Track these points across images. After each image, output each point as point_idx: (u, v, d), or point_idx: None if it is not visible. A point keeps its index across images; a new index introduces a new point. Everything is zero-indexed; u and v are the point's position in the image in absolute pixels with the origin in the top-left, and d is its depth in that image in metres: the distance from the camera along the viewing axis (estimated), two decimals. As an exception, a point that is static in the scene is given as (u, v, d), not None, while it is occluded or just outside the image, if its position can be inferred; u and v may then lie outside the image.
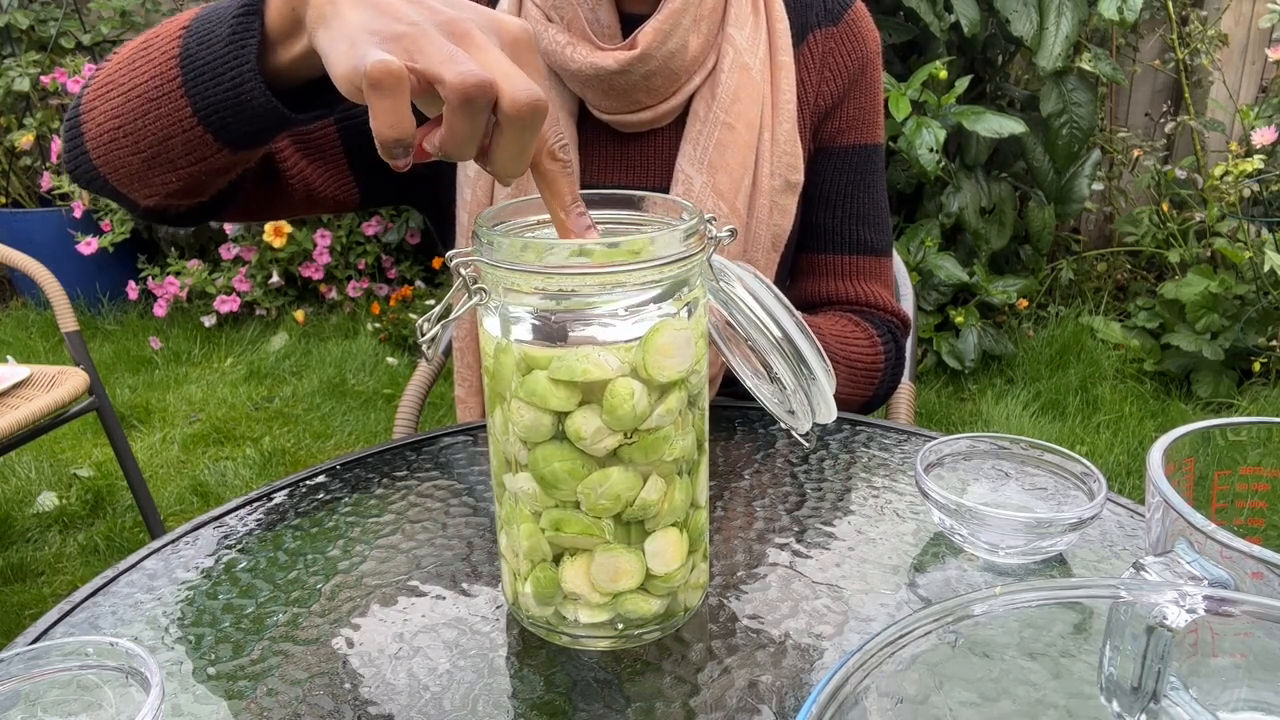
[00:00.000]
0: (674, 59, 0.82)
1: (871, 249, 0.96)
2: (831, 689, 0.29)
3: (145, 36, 0.65)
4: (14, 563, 2.00)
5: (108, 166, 0.67)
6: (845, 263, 0.95)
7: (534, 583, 0.51)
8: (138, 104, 0.63)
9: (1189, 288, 2.62)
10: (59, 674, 0.46)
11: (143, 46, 0.64)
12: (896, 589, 0.57)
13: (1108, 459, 2.30)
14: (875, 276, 0.96)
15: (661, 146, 0.89)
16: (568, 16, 0.82)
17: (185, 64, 0.60)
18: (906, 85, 2.53)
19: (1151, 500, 0.42)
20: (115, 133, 0.65)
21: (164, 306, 3.24)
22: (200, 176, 0.66)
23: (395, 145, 0.46)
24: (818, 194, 0.94)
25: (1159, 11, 2.94)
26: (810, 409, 0.52)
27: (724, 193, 0.85)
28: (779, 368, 0.50)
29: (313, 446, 2.49)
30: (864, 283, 0.96)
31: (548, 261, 0.45)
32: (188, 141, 0.63)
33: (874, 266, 0.96)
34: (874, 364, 0.91)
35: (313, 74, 0.59)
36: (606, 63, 0.80)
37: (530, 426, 0.47)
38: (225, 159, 0.64)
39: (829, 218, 0.95)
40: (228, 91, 0.59)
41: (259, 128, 0.61)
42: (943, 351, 2.75)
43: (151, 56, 0.62)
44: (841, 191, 0.94)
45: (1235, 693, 0.35)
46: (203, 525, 0.67)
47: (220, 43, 0.58)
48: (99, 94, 0.65)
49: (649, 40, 0.80)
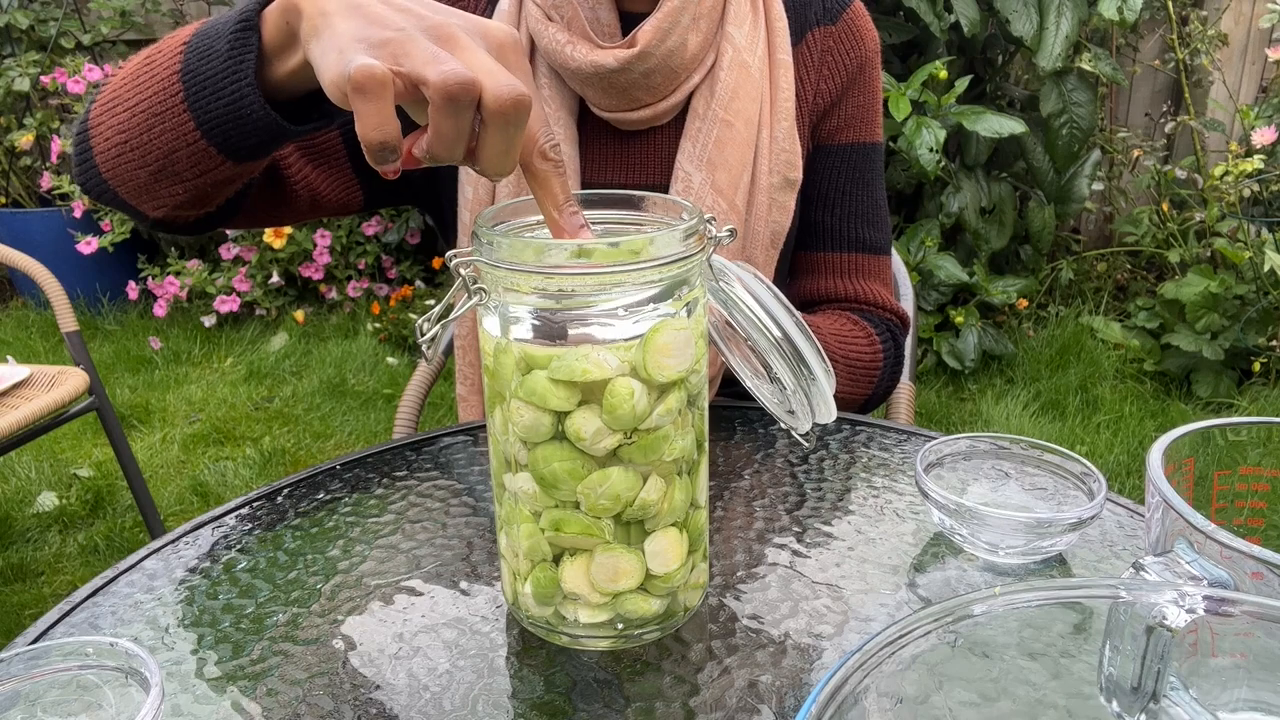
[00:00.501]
0: (673, 56, 0.82)
1: (870, 247, 0.96)
2: (831, 689, 0.29)
3: (148, 52, 0.66)
4: (14, 563, 2.00)
5: (117, 180, 0.68)
6: (844, 261, 0.96)
7: (534, 583, 0.51)
8: (143, 119, 0.64)
9: (1189, 288, 2.62)
10: (59, 674, 0.46)
11: (146, 62, 0.65)
12: (896, 589, 0.57)
13: (1108, 459, 2.30)
14: (874, 275, 0.97)
15: (661, 144, 0.89)
16: (568, 15, 0.83)
17: (187, 79, 0.62)
18: (906, 85, 2.52)
19: (1151, 500, 0.42)
20: (122, 147, 0.66)
21: (164, 306, 3.24)
22: (206, 188, 0.67)
23: (380, 149, 0.46)
24: (817, 192, 0.94)
25: (1159, 11, 2.94)
26: (810, 409, 0.52)
27: (723, 189, 0.85)
28: (779, 368, 0.50)
29: (313, 446, 2.49)
30: (863, 281, 0.96)
31: (547, 261, 0.45)
32: (192, 155, 0.64)
33: (873, 265, 0.96)
34: (873, 363, 0.91)
35: (310, 86, 0.60)
36: (606, 60, 0.81)
37: (530, 426, 0.47)
38: (230, 170, 0.66)
39: (828, 216, 0.95)
40: (228, 106, 0.60)
41: (260, 140, 0.62)
42: (943, 351, 2.75)
43: (155, 72, 0.64)
44: (840, 190, 0.94)
45: (1235, 693, 0.35)
46: (203, 525, 0.67)
47: (220, 58, 0.59)
48: (106, 109, 0.67)
49: (648, 38, 0.80)
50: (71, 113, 3.30)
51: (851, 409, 0.93)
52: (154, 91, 0.63)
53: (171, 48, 0.64)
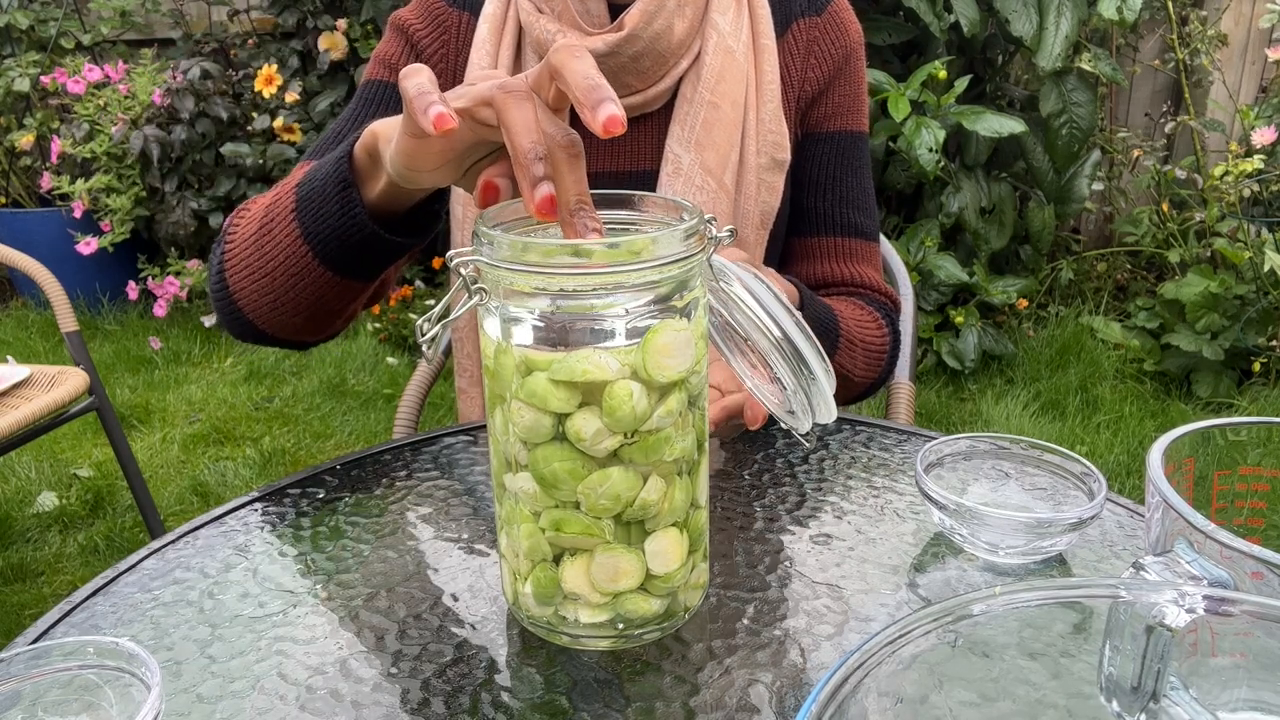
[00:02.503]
0: (660, 40, 0.85)
1: (861, 232, 0.99)
2: (831, 689, 0.29)
3: (258, 228, 0.75)
4: (14, 563, 2.00)
5: (280, 330, 0.79)
6: (836, 245, 0.98)
7: (534, 583, 0.51)
8: (285, 281, 0.74)
9: (1189, 288, 2.62)
10: (59, 674, 0.46)
11: (261, 235, 0.74)
12: (896, 589, 0.57)
13: (1108, 459, 2.30)
14: (866, 259, 0.99)
15: (651, 131, 0.91)
16: (558, 8, 0.86)
17: (313, 243, 0.71)
18: (906, 85, 2.52)
19: (1151, 500, 0.42)
20: (276, 305, 0.76)
21: (164, 306, 3.24)
22: (359, 308, 0.79)
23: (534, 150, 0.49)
24: (807, 178, 0.97)
25: (1159, 11, 2.94)
26: (810, 409, 0.52)
27: (712, 169, 0.88)
28: (779, 368, 0.50)
29: (313, 446, 2.49)
30: (855, 265, 0.98)
31: (548, 262, 0.45)
32: (340, 293, 0.74)
33: (864, 249, 0.99)
34: (883, 347, 0.95)
35: (404, 205, 0.68)
36: (596, 45, 0.83)
37: (530, 427, 0.47)
38: (373, 289, 0.77)
39: (819, 201, 0.98)
40: (360, 253, 0.70)
41: (392, 259, 0.72)
42: (943, 351, 2.74)
43: (278, 242, 0.73)
44: (830, 175, 0.97)
45: (1235, 693, 0.36)
46: (203, 525, 0.67)
47: (334, 217, 0.68)
48: (243, 276, 0.77)
49: (635, 21, 0.83)
50: (71, 113, 3.29)
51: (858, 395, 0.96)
52: (285, 259, 0.73)
53: (282, 220, 0.72)
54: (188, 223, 3.20)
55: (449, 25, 0.93)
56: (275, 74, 3.17)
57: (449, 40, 0.93)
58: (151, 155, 3.12)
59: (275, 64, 3.21)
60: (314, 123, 3.17)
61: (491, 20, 0.90)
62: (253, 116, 3.19)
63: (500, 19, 0.90)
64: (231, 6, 3.42)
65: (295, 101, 3.16)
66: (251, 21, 3.44)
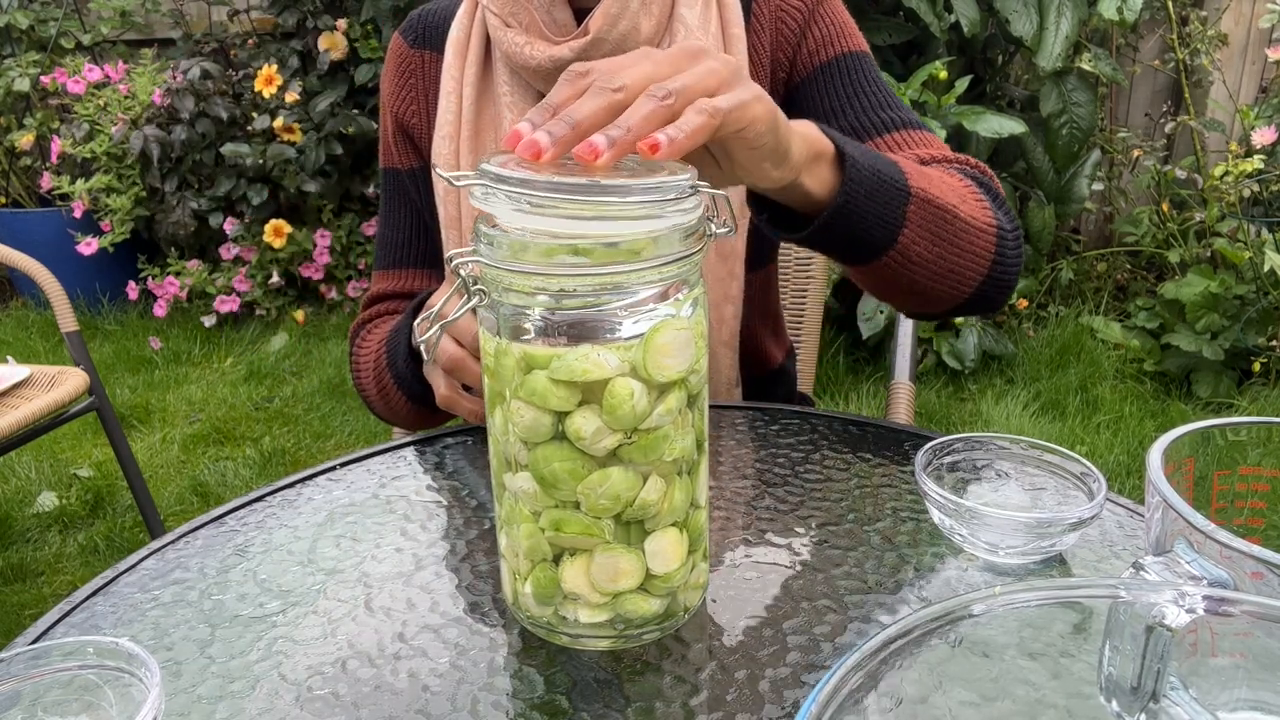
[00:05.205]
0: (627, 40, 0.85)
1: (902, 124, 0.89)
2: (831, 689, 0.29)
3: (377, 390, 0.94)
4: (14, 563, 2.00)
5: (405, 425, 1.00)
6: (880, 145, 0.89)
7: (534, 583, 0.51)
8: (406, 414, 0.92)
9: (1189, 288, 2.62)
10: (59, 674, 0.46)
11: (381, 394, 0.94)
12: (896, 589, 0.57)
13: (1108, 459, 2.30)
14: (920, 144, 0.88)
15: None
16: (525, 20, 0.86)
17: (401, 384, 0.88)
18: (906, 85, 2.52)
19: (1151, 500, 0.42)
20: (404, 423, 0.97)
21: (164, 307, 3.24)
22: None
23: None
24: (820, 113, 0.91)
25: (1159, 11, 2.94)
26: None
27: None
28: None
29: (313, 446, 2.49)
30: (913, 150, 0.87)
31: (547, 261, 0.45)
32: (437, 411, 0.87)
33: (913, 137, 0.88)
34: (987, 225, 0.78)
35: None
36: (563, 53, 0.84)
37: (530, 426, 0.47)
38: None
39: (844, 120, 0.90)
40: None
41: None
42: (943, 351, 2.74)
43: (392, 399, 0.91)
44: (842, 96, 0.91)
45: (1235, 693, 0.36)
46: (203, 525, 0.67)
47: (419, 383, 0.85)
48: (379, 411, 0.97)
49: (599, 24, 0.83)
50: (71, 113, 3.30)
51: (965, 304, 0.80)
52: (402, 405, 0.91)
53: (391, 387, 0.90)
54: (188, 223, 3.20)
55: (415, 69, 0.96)
56: (275, 74, 3.17)
57: (416, 84, 0.96)
58: (151, 155, 3.12)
59: (275, 64, 3.21)
60: (314, 122, 3.17)
61: (456, 44, 0.91)
62: (253, 116, 3.19)
63: (464, 41, 0.91)
64: (231, 6, 3.42)
65: (295, 101, 3.16)
66: (251, 21, 3.44)
